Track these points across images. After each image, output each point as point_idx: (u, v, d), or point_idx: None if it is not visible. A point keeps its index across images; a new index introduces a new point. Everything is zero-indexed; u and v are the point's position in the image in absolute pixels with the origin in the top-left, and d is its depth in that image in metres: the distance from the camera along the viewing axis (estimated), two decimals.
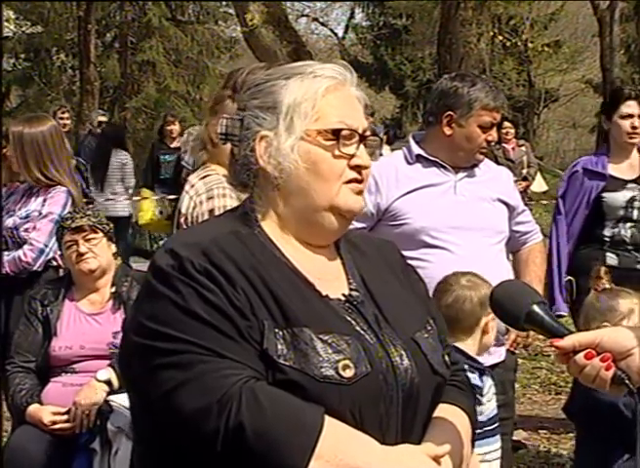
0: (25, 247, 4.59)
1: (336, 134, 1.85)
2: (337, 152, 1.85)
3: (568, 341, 1.73)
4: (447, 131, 3.68)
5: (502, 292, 1.85)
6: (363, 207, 1.92)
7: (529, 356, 7.22)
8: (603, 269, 3.61)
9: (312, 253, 1.90)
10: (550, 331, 1.76)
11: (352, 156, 1.86)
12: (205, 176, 3.23)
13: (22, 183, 4.87)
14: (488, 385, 3.22)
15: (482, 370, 3.22)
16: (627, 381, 1.71)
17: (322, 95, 1.86)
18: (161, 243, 11.99)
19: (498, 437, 3.24)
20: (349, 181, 1.87)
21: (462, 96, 3.65)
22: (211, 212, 3.20)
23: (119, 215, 10.58)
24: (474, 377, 3.10)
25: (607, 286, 3.52)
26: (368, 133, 1.91)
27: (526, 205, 4.27)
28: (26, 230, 4.65)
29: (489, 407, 3.20)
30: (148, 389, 1.73)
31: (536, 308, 1.78)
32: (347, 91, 1.91)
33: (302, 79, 1.88)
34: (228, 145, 1.95)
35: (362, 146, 1.88)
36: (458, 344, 3.13)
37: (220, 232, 1.82)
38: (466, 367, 3.12)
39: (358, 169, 1.87)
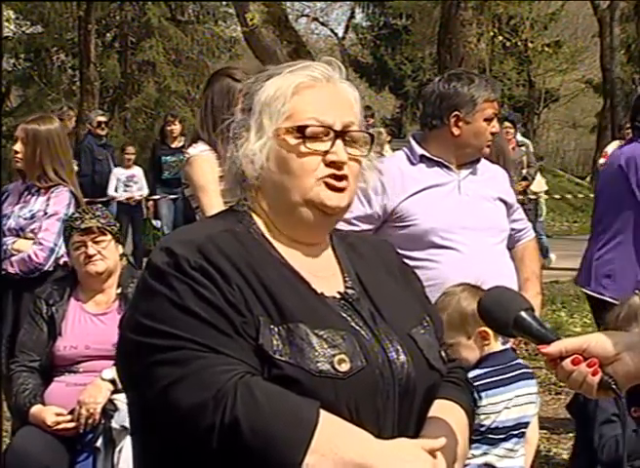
0: (35, 247, 4.60)
1: (301, 130, 1.85)
2: (303, 149, 1.85)
3: (555, 347, 1.74)
4: (455, 131, 3.71)
5: (490, 299, 1.85)
6: (343, 202, 1.89)
7: (529, 356, 7.22)
8: None
9: (306, 250, 1.91)
10: (538, 338, 1.77)
11: (326, 152, 1.86)
12: None
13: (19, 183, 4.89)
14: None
15: None
16: (614, 386, 1.72)
17: (292, 92, 1.86)
18: None
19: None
20: (326, 177, 1.86)
21: (465, 94, 3.69)
22: None
23: None
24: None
25: None
26: (354, 127, 1.90)
27: (524, 204, 4.30)
28: (33, 231, 4.67)
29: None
30: (145, 386, 1.74)
31: (523, 314, 1.78)
32: (330, 87, 1.90)
33: (277, 78, 1.89)
34: None
35: (339, 142, 1.87)
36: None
37: (216, 230, 1.83)
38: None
39: (334, 165, 1.87)
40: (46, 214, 4.66)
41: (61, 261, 4.63)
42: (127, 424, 3.56)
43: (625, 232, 4.91)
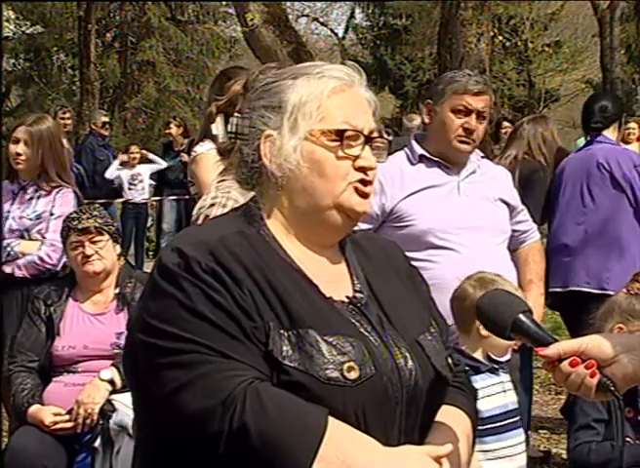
0: (45, 248, 4.59)
1: (339, 134, 1.85)
2: (340, 153, 1.85)
3: (553, 350, 1.74)
4: (427, 119, 3.76)
5: (488, 302, 1.85)
6: (368, 208, 1.91)
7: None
8: None
9: (317, 254, 1.90)
10: (536, 340, 1.77)
11: (357, 157, 1.86)
12: (221, 181, 3.26)
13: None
14: (487, 383, 3.22)
15: (477, 368, 3.21)
16: (612, 388, 1.72)
17: (328, 95, 1.86)
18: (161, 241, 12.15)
19: (520, 431, 3.24)
20: (355, 182, 1.86)
21: (439, 84, 3.76)
22: (206, 218, 3.23)
23: None
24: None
25: (637, 291, 3.50)
26: (375, 134, 1.90)
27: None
28: (39, 231, 4.66)
29: (492, 403, 3.19)
30: (152, 387, 1.73)
31: (522, 317, 1.78)
32: (355, 92, 1.90)
33: (309, 79, 1.88)
34: None
35: (367, 148, 1.88)
36: (461, 342, 3.16)
37: (227, 231, 1.82)
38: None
39: (363, 170, 1.87)
40: (53, 214, 4.65)
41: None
42: (125, 424, 3.56)
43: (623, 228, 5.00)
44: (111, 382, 3.81)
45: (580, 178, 5.14)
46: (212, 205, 3.24)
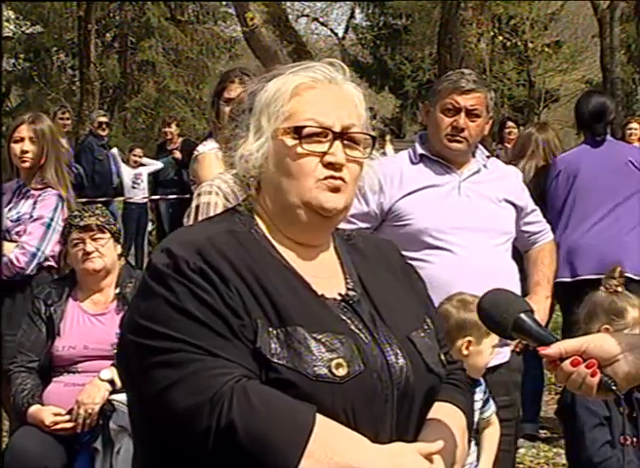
0: (16, 251, 4.54)
1: (299, 131, 1.84)
2: (300, 150, 1.84)
3: (554, 349, 1.74)
4: (424, 120, 3.80)
5: (490, 301, 1.85)
6: (340, 204, 1.87)
7: None
8: (619, 270, 3.55)
9: (308, 252, 1.91)
10: (537, 339, 1.77)
11: (325, 153, 1.85)
12: (214, 179, 3.29)
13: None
14: None
15: None
16: (614, 387, 1.72)
17: (292, 93, 1.86)
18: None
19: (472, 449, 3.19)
20: (324, 179, 1.85)
21: (435, 84, 3.77)
22: (197, 208, 3.25)
23: None
24: None
25: (619, 289, 3.47)
26: (355, 129, 1.88)
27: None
28: (18, 233, 4.60)
29: None
30: (143, 387, 1.75)
31: (523, 316, 1.78)
32: (331, 89, 1.89)
33: (278, 80, 1.88)
34: None
35: (337, 144, 1.85)
36: None
37: (216, 231, 1.83)
38: None
39: (332, 166, 1.85)
40: (31, 217, 4.61)
41: (46, 265, 4.59)
42: (125, 424, 3.55)
43: None
44: (111, 382, 3.80)
45: (604, 175, 5.25)
46: (198, 195, 3.28)
